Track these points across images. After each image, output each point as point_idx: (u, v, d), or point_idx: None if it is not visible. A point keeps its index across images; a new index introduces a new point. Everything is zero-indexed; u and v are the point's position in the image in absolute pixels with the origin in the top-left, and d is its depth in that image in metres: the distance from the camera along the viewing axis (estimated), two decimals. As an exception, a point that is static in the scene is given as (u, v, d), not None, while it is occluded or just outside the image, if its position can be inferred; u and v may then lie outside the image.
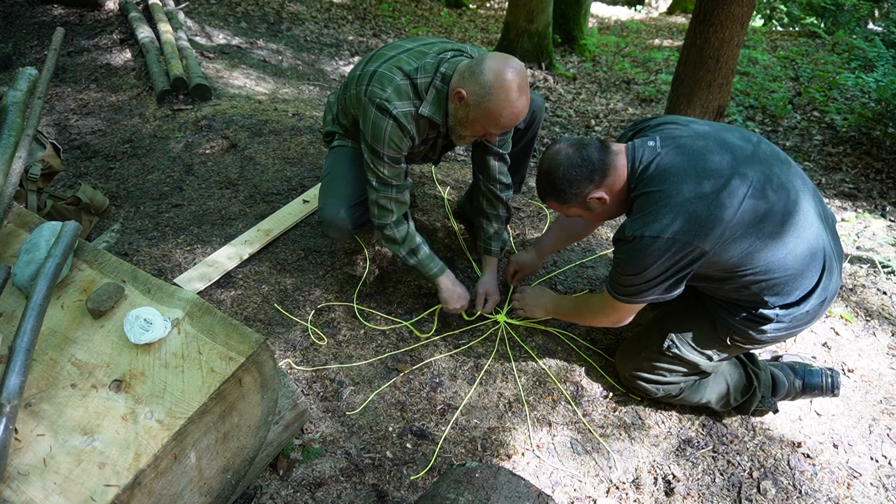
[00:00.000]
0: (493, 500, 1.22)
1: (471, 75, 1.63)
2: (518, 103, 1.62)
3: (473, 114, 1.67)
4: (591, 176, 1.53)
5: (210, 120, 3.35)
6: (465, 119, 1.70)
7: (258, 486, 1.60)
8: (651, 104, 5.75)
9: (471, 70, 1.64)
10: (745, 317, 1.61)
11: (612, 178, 1.54)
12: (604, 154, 1.54)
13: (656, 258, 1.44)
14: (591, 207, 1.60)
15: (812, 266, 1.52)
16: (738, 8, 3.18)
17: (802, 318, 1.58)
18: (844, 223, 3.30)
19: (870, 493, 1.72)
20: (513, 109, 1.63)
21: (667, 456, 1.79)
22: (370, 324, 2.10)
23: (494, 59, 1.63)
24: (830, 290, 1.57)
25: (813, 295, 1.55)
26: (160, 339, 1.24)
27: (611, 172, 1.54)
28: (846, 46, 7.25)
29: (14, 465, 1.06)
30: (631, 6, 11.37)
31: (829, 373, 1.86)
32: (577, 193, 1.56)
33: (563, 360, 2.03)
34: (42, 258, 1.32)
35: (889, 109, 4.61)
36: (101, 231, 2.52)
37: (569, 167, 1.53)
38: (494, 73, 1.59)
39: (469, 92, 1.63)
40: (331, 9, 6.85)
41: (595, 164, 1.53)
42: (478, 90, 1.61)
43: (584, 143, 1.56)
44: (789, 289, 1.53)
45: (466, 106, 1.66)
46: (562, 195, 1.58)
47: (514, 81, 1.59)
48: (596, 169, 1.53)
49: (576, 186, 1.55)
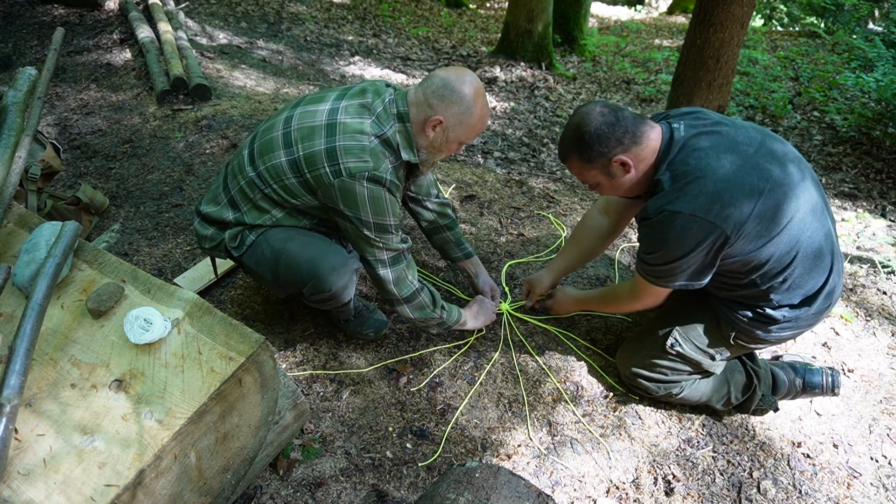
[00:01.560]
0: (493, 500, 1.22)
1: (440, 100, 1.58)
2: (486, 107, 1.65)
3: (454, 134, 1.64)
4: (622, 137, 1.50)
5: (210, 120, 3.36)
6: (444, 142, 1.66)
7: (258, 486, 1.60)
8: (651, 104, 5.74)
9: (437, 95, 1.59)
10: (751, 317, 1.61)
11: (641, 147, 1.51)
12: (639, 122, 1.51)
13: (680, 233, 1.44)
14: (613, 173, 1.55)
15: (820, 266, 1.53)
16: (738, 8, 3.18)
17: (808, 318, 1.59)
18: (844, 223, 3.30)
19: (870, 493, 1.72)
20: (487, 113, 1.66)
21: (667, 456, 1.79)
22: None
23: (453, 75, 1.60)
24: (836, 292, 1.58)
25: (820, 295, 1.55)
26: (160, 339, 1.24)
27: (642, 142, 1.51)
28: (846, 46, 7.25)
29: (14, 465, 1.06)
30: (631, 6, 11.37)
31: (830, 372, 1.86)
32: (603, 153, 1.52)
33: (563, 360, 2.03)
34: (42, 258, 1.32)
35: (889, 109, 4.61)
36: (101, 231, 2.52)
37: (602, 123, 1.50)
38: (463, 87, 1.58)
39: (447, 116, 1.60)
40: (331, 9, 6.85)
41: (629, 128, 1.50)
42: (457, 110, 1.59)
43: (620, 108, 1.54)
44: (797, 288, 1.54)
45: (445, 129, 1.62)
46: (587, 152, 1.53)
47: (479, 89, 1.61)
48: (628, 132, 1.50)
49: (604, 144, 1.50)
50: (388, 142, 1.62)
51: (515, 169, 3.99)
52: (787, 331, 1.61)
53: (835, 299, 1.60)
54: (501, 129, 4.83)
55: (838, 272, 1.57)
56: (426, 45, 6.81)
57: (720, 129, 1.51)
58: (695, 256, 1.47)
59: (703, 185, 1.41)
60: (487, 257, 2.43)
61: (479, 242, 2.51)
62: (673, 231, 1.44)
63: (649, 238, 1.52)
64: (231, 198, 1.72)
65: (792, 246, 1.48)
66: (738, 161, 1.44)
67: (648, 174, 1.55)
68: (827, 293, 1.56)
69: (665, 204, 1.44)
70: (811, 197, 1.51)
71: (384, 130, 1.61)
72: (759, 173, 1.43)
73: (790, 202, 1.45)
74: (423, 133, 1.64)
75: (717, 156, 1.44)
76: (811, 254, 1.50)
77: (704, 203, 1.40)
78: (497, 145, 4.49)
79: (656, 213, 1.46)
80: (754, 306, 1.60)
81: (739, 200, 1.41)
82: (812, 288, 1.55)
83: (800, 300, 1.57)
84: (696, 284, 1.56)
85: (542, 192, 2.95)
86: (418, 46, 6.67)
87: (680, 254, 1.47)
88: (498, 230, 2.60)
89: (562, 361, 2.03)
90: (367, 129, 1.59)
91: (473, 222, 2.63)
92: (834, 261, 1.55)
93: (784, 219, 1.45)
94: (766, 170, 1.44)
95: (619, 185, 1.59)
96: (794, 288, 1.54)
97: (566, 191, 3.25)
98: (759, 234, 1.45)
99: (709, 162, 1.43)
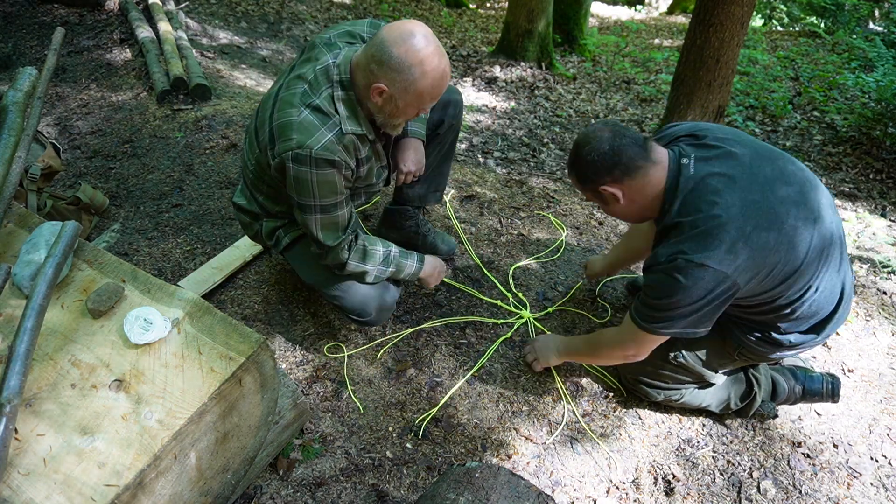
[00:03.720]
0: (493, 500, 1.22)
1: (380, 66, 1.39)
2: (441, 65, 1.42)
3: (403, 101, 1.45)
4: (612, 169, 1.43)
5: (210, 120, 3.36)
6: (395, 110, 1.48)
7: (258, 486, 1.60)
8: (651, 104, 5.74)
9: (375, 59, 1.40)
10: (758, 337, 1.60)
11: (637, 181, 1.44)
12: (639, 154, 1.43)
13: (692, 282, 1.35)
14: (605, 199, 1.51)
15: (831, 297, 1.51)
16: (738, 8, 3.18)
17: (816, 342, 1.59)
18: (844, 223, 3.30)
19: (870, 493, 1.72)
20: (441, 75, 1.43)
21: (667, 456, 1.79)
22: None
23: (394, 37, 1.38)
24: (845, 315, 1.57)
25: (829, 323, 1.55)
26: (160, 339, 1.24)
27: (637, 176, 1.43)
28: (846, 46, 7.25)
29: (14, 464, 1.06)
30: (631, 6, 11.36)
31: (830, 379, 1.85)
32: (592, 179, 1.47)
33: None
34: (42, 258, 1.32)
35: (889, 109, 4.61)
36: (101, 231, 2.52)
37: (594, 150, 1.43)
38: (405, 52, 1.37)
39: (389, 83, 1.41)
40: (331, 9, 6.85)
41: (622, 159, 1.42)
42: (396, 77, 1.40)
43: (622, 133, 1.44)
44: (806, 319, 1.53)
45: (392, 98, 1.44)
46: (581, 174, 1.50)
47: (426, 47, 1.38)
48: (620, 164, 1.42)
49: (593, 171, 1.46)
50: (320, 109, 1.46)
51: (515, 169, 3.98)
52: (795, 351, 1.61)
53: (842, 322, 1.58)
54: (501, 129, 4.83)
55: (848, 297, 1.54)
56: (426, 45, 6.80)
57: (731, 170, 1.39)
58: (700, 305, 1.39)
59: (719, 235, 1.33)
60: (488, 257, 2.43)
61: (479, 242, 2.51)
62: (685, 280, 1.35)
63: (657, 284, 1.42)
64: (249, 189, 1.76)
65: (805, 284, 1.44)
66: (755, 207, 1.35)
67: (651, 207, 1.48)
68: (836, 320, 1.55)
69: (678, 252, 1.36)
70: (831, 234, 1.44)
71: (314, 99, 1.47)
72: (775, 219, 1.36)
73: (804, 244, 1.39)
74: (370, 99, 1.47)
75: (733, 201, 1.35)
76: (823, 288, 1.47)
77: (720, 255, 1.33)
78: (497, 145, 4.49)
79: (668, 261, 1.38)
80: (762, 330, 1.58)
81: (754, 251, 1.34)
82: (821, 317, 1.53)
83: (808, 328, 1.55)
84: (695, 333, 1.47)
85: (542, 192, 2.95)
86: (418, 46, 6.66)
87: (687, 302, 1.39)
88: (498, 230, 2.60)
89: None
90: (296, 101, 1.46)
91: (473, 222, 2.63)
92: (844, 288, 1.52)
93: (797, 262, 1.39)
94: (781, 214, 1.37)
95: (614, 211, 1.55)
96: (802, 318, 1.51)
97: (566, 191, 3.25)
98: (773, 279, 1.40)
99: (724, 210, 1.34)
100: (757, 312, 1.53)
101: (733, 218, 1.33)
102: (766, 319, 1.55)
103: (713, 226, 1.34)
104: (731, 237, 1.33)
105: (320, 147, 1.45)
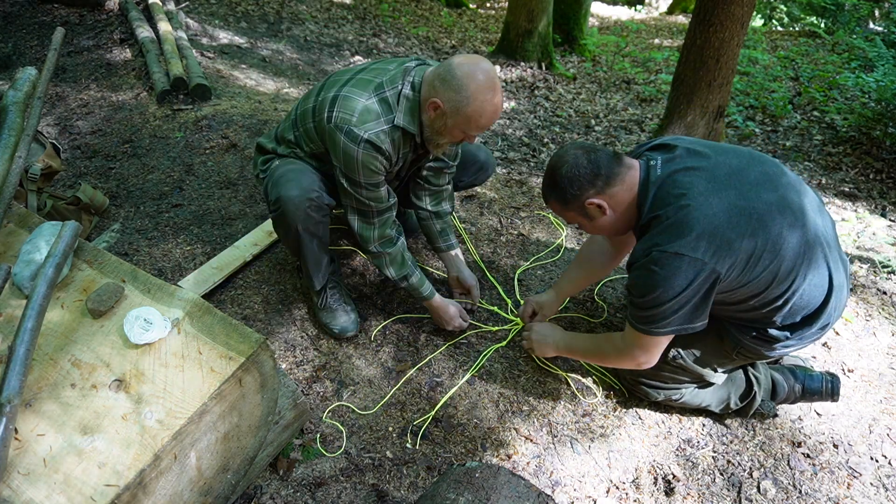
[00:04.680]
0: (493, 500, 1.22)
1: (442, 83, 1.58)
2: (495, 101, 1.60)
3: (452, 121, 1.62)
4: (594, 180, 1.49)
5: (210, 120, 3.36)
6: (444, 128, 1.66)
7: (258, 486, 1.60)
8: (651, 104, 5.74)
9: (441, 78, 1.59)
10: (754, 336, 1.60)
11: (617, 188, 1.49)
12: (613, 163, 1.50)
13: (670, 273, 1.39)
14: (590, 214, 1.55)
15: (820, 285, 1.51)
16: (738, 8, 3.18)
17: (813, 334, 1.58)
18: (844, 223, 3.30)
19: (870, 493, 1.72)
20: (492, 109, 1.60)
21: (667, 456, 1.79)
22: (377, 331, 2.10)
23: (463, 62, 1.58)
24: (840, 307, 1.57)
25: (822, 313, 1.54)
26: (160, 339, 1.24)
27: (616, 183, 1.49)
28: (846, 46, 7.25)
29: (14, 464, 1.06)
30: (631, 6, 11.37)
31: (830, 378, 1.85)
32: (576, 195, 1.51)
33: (563, 360, 2.03)
34: (42, 258, 1.32)
35: (889, 109, 4.61)
36: (101, 231, 2.52)
37: (574, 166, 1.49)
38: (467, 76, 1.55)
39: (445, 100, 1.59)
40: (331, 9, 6.85)
41: (601, 170, 1.49)
42: (454, 97, 1.57)
43: (595, 149, 1.52)
44: (797, 312, 1.53)
45: (444, 115, 1.62)
46: (562, 194, 1.54)
47: (487, 82, 1.56)
48: (601, 174, 1.48)
49: (576, 187, 1.50)
50: (387, 102, 1.66)
51: (515, 169, 3.98)
52: (792, 347, 1.61)
53: (838, 314, 1.58)
54: (501, 129, 4.83)
55: (839, 288, 1.54)
56: (426, 44, 6.82)
57: (699, 164, 1.46)
58: (686, 296, 1.41)
59: (689, 224, 1.37)
60: (488, 257, 2.43)
61: (479, 242, 2.51)
62: (662, 271, 1.39)
63: (639, 281, 1.46)
64: (276, 134, 1.93)
65: (789, 270, 1.44)
66: (724, 195, 1.40)
67: (629, 214, 1.53)
68: (829, 310, 1.54)
69: (652, 245, 1.41)
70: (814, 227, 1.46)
71: (386, 90, 1.66)
72: (746, 205, 1.40)
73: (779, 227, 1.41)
74: (426, 111, 1.66)
75: (701, 192, 1.40)
76: (809, 274, 1.47)
77: (691, 241, 1.36)
78: (497, 145, 4.49)
79: (644, 255, 1.43)
80: (758, 327, 1.59)
81: (726, 237, 1.37)
82: (813, 306, 1.53)
83: (801, 318, 1.55)
84: (692, 328, 1.49)
85: (542, 192, 2.95)
86: (418, 46, 6.67)
87: (671, 294, 1.41)
88: (498, 230, 2.60)
89: (562, 361, 2.03)
90: (371, 88, 1.66)
91: (473, 222, 2.63)
92: (833, 280, 1.52)
93: (776, 248, 1.41)
94: (752, 200, 1.41)
95: (598, 226, 1.58)
96: (794, 309, 1.52)
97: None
98: (752, 266, 1.41)
99: (692, 200, 1.39)
100: (748, 308, 1.54)
101: (700, 206, 1.38)
102: (759, 315, 1.55)
103: (682, 216, 1.39)
104: (701, 225, 1.37)
105: (372, 133, 1.63)
